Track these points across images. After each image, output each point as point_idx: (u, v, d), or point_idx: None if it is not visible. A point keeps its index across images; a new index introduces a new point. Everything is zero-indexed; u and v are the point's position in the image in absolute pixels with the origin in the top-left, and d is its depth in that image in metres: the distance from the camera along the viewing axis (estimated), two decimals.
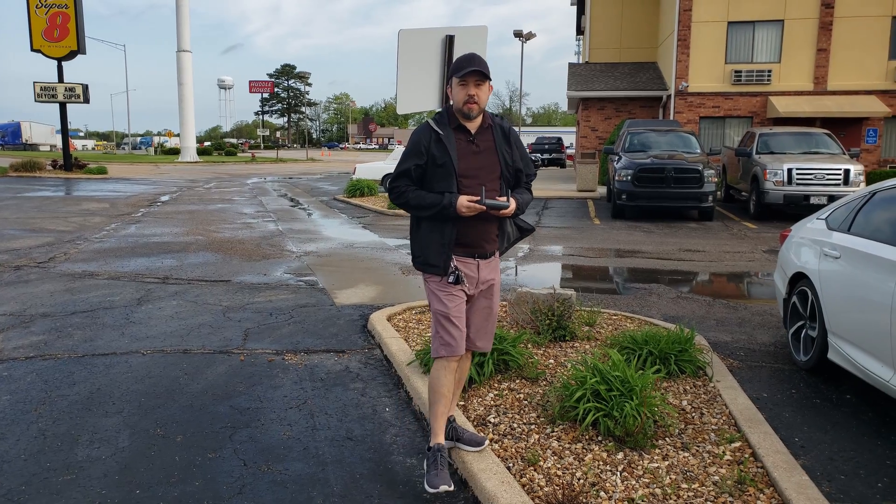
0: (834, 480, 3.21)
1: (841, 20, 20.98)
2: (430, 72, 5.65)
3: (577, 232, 12.55)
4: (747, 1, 21.51)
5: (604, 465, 3.25)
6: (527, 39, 37.32)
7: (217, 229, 12.42)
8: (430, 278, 3.11)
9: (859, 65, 21.08)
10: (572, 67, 27.49)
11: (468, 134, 3.05)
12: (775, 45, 21.62)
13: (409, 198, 3.04)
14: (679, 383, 4.35)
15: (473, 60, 2.96)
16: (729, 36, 21.82)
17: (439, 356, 3.11)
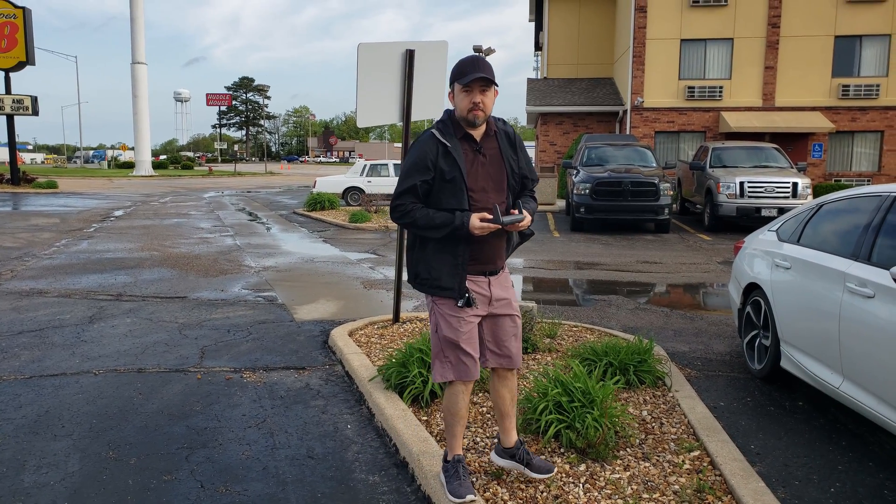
0: (789, 486, 3.28)
1: (787, 39, 21.77)
2: (391, 85, 5.66)
3: (538, 245, 12.66)
4: (699, 19, 22.17)
5: (566, 478, 3.25)
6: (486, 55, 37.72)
7: (173, 244, 12.16)
8: (440, 302, 2.89)
9: (805, 82, 21.88)
10: (531, 83, 27.86)
11: (474, 143, 2.85)
12: (726, 63, 22.29)
13: (415, 217, 2.78)
14: (639, 393, 4.40)
15: (477, 65, 2.73)
16: (682, 53, 22.43)
17: (447, 380, 2.92)
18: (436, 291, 2.88)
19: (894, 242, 3.61)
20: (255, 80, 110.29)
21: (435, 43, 5.83)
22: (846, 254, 3.94)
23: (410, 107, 5.69)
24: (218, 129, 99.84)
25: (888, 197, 3.86)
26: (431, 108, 5.94)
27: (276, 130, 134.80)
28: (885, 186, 4.01)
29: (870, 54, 21.67)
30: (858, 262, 3.78)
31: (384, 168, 21.07)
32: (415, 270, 2.95)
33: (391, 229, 15.01)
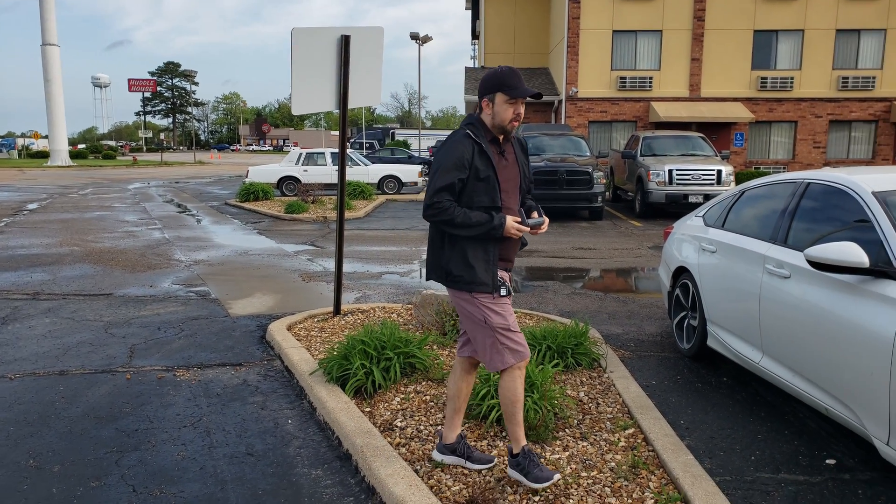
0: (714, 457, 3.45)
1: (711, 32, 22.59)
2: (326, 72, 5.58)
3: None
4: (630, 11, 22.73)
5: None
6: (423, 42, 37.61)
7: (95, 239, 11.66)
8: (480, 297, 2.95)
9: (727, 74, 22.78)
10: (469, 71, 27.97)
11: (499, 147, 2.99)
12: (655, 54, 22.96)
13: (454, 215, 2.83)
14: (576, 375, 4.53)
15: (522, 79, 2.89)
16: (614, 44, 22.96)
17: (508, 365, 2.96)
18: (472, 287, 2.94)
19: (808, 226, 3.83)
20: (181, 65, 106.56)
21: (371, 29, 5.78)
22: (765, 237, 4.16)
23: (347, 94, 5.63)
24: (142, 116, 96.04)
25: (802, 183, 4.08)
26: (369, 95, 5.89)
27: (206, 118, 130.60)
28: (800, 173, 4.24)
29: (785, 48, 22.74)
30: (776, 245, 3.99)
31: (321, 157, 20.75)
32: (445, 268, 2.98)
33: (329, 220, 14.84)
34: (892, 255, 3.13)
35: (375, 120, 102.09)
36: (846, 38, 22.50)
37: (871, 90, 22.51)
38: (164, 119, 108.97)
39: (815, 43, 22.53)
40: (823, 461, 3.42)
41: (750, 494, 3.09)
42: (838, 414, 3.35)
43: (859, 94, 22.60)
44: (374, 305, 6.50)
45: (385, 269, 9.03)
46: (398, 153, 32.40)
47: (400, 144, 42.56)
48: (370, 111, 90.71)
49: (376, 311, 6.24)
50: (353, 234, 12.56)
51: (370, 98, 5.93)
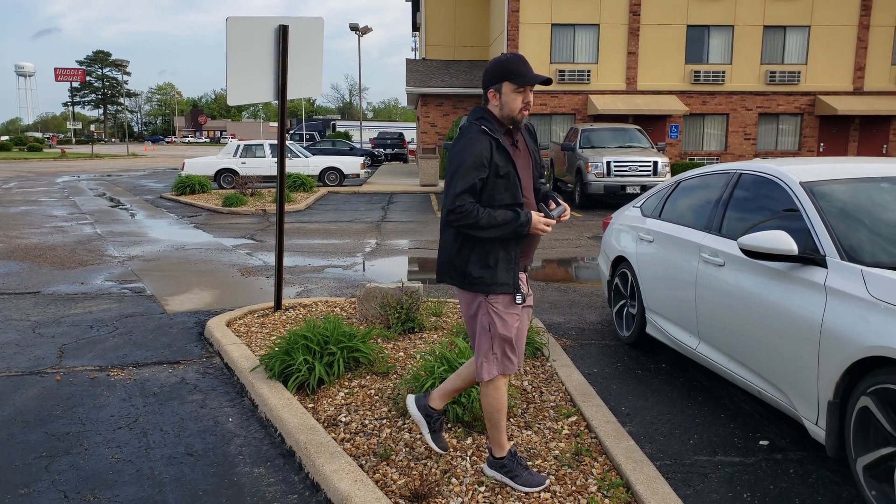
0: (655, 442, 3.54)
1: (646, 26, 23.13)
2: (263, 62, 5.44)
3: (422, 225, 12.74)
4: (568, 5, 23.03)
5: (454, 452, 3.33)
6: (363, 34, 37.24)
7: (21, 234, 11.09)
8: (495, 300, 2.81)
9: (662, 67, 23.39)
10: (410, 63, 27.82)
11: (512, 138, 2.86)
12: (593, 48, 23.36)
13: (479, 217, 2.67)
14: None
15: (530, 66, 2.77)
16: (553, 37, 23.24)
17: (493, 377, 2.89)
18: (491, 289, 2.80)
19: (741, 215, 3.96)
20: (112, 54, 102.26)
21: (310, 19, 5.67)
22: (700, 227, 4.28)
23: (286, 85, 5.50)
24: (70, 107, 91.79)
25: (734, 174, 4.22)
26: (308, 86, 5.78)
27: (139, 109, 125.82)
28: (732, 164, 4.38)
29: (717, 43, 23.50)
30: (711, 234, 4.11)
31: (259, 148, 20.30)
32: (463, 270, 2.82)
33: (269, 213, 14.53)
34: (818, 242, 3.27)
35: (316, 111, 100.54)
36: (773, 34, 23.42)
37: (796, 84, 23.51)
38: (94, 110, 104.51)
39: (745, 38, 23.36)
40: (757, 442, 3.56)
41: (689, 477, 3.19)
42: (771, 396, 3.49)
43: (786, 87, 23.57)
44: (316, 300, 6.40)
45: (327, 263, 8.91)
46: (339, 145, 32.02)
47: (341, 136, 42.03)
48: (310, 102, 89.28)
49: (319, 306, 6.15)
50: (293, 227, 12.35)
51: (310, 89, 5.82)
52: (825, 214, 3.36)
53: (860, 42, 23.18)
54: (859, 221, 3.35)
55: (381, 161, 35.62)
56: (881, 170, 3.74)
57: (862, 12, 23.02)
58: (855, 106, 22.75)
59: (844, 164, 3.88)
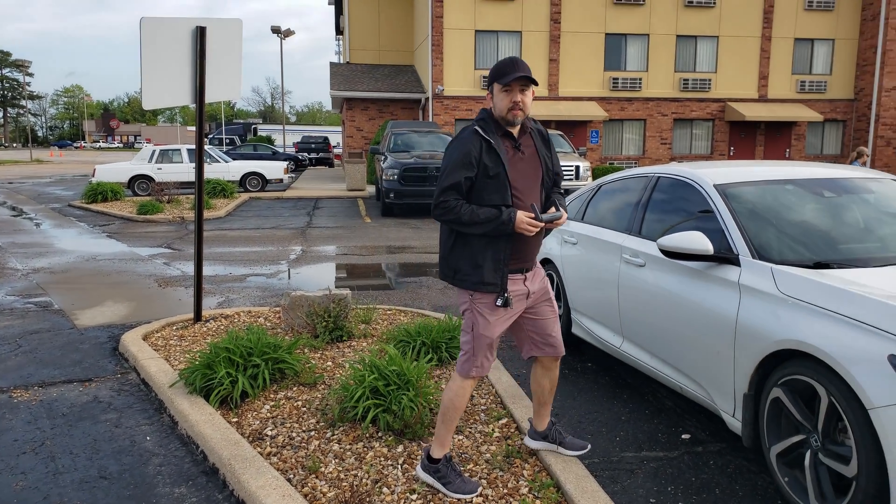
0: (583, 440, 3.60)
1: (567, 34, 23.76)
2: (180, 64, 5.25)
3: (350, 231, 12.60)
4: (491, 12, 23.37)
5: (385, 461, 3.28)
6: (285, 36, 36.56)
7: None
8: (479, 299, 2.87)
9: (582, 74, 24.07)
10: (334, 67, 27.52)
11: (514, 140, 2.88)
12: (515, 54, 23.77)
13: (460, 213, 2.75)
14: (450, 369, 4.57)
15: (517, 65, 2.76)
16: (477, 43, 23.51)
17: (469, 377, 2.93)
18: (478, 287, 2.85)
19: (659, 217, 4.10)
20: (12, 54, 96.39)
21: (228, 20, 5.50)
22: (622, 229, 4.40)
23: (204, 88, 5.32)
24: None
25: (653, 177, 4.37)
26: (228, 89, 5.61)
27: (43, 112, 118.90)
28: (650, 168, 4.53)
29: (633, 51, 24.40)
30: (632, 236, 4.24)
31: (177, 154, 19.56)
32: (454, 266, 2.90)
33: (187, 220, 14.02)
34: (732, 242, 3.42)
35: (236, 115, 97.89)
36: (685, 44, 24.51)
37: (707, 91, 24.68)
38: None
39: (659, 47, 24.35)
40: (680, 436, 3.68)
41: (616, 474, 3.26)
42: (691, 392, 3.61)
43: (698, 94, 24.70)
44: (238, 310, 6.20)
45: (250, 271, 8.66)
46: (261, 149, 31.27)
47: (263, 140, 41.06)
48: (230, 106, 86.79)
49: (241, 316, 5.96)
50: (214, 235, 11.95)
51: (229, 92, 5.65)
52: (737, 215, 3.52)
53: (763, 52, 24.58)
54: (768, 222, 3.53)
55: (305, 166, 35.04)
56: (786, 172, 3.95)
57: (764, 25, 24.42)
58: (761, 112, 24.09)
59: (754, 167, 4.08)
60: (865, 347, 2.55)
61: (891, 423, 2.40)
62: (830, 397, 2.65)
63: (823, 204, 3.71)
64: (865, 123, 24.64)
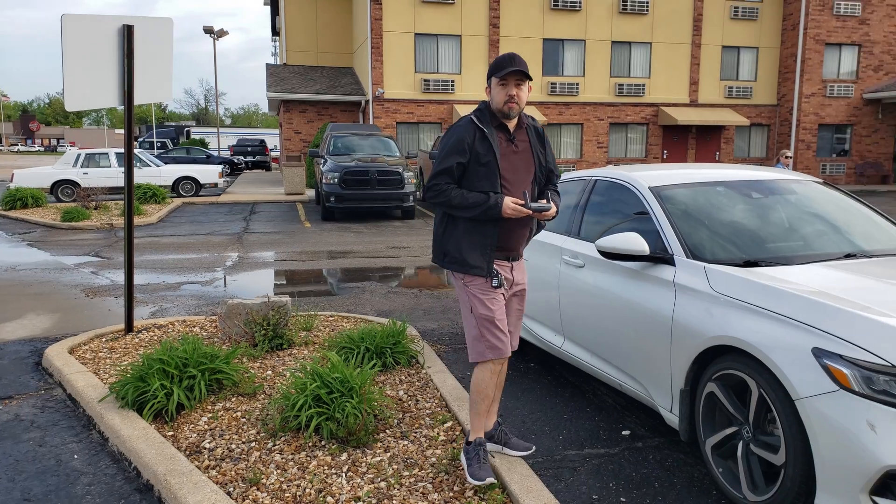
0: (527, 440, 3.63)
1: (505, 39, 24.03)
2: (106, 65, 5.04)
3: (289, 236, 12.37)
4: (430, 15, 23.41)
5: (329, 470, 3.22)
6: (219, 37, 35.72)
7: None
8: (471, 282, 2.99)
9: None
10: (270, 69, 27.03)
11: (508, 133, 3.00)
12: (456, 58, 23.90)
13: (450, 196, 2.90)
14: (395, 374, 4.53)
15: (514, 60, 2.90)
16: (417, 46, 23.51)
17: (485, 359, 3.00)
18: (466, 269, 2.97)
19: (597, 219, 4.18)
20: None
21: (158, 19, 5.32)
22: (561, 231, 4.47)
23: (132, 89, 5.12)
24: None
25: (591, 180, 4.45)
26: (159, 90, 5.43)
27: None
28: (588, 171, 4.62)
29: (571, 56, 24.88)
30: (571, 238, 4.31)
31: (104, 157, 18.80)
32: (443, 249, 3.04)
33: (116, 227, 13.50)
34: (667, 242, 3.51)
35: (168, 117, 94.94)
36: (620, 49, 25.16)
37: (642, 96, 25.39)
38: None
39: (596, 52, 24.91)
40: (620, 433, 3.75)
41: (560, 472, 3.29)
42: (630, 389, 3.69)
43: (633, 99, 25.39)
44: (173, 319, 6.00)
45: (184, 279, 8.39)
46: (195, 153, 30.43)
47: (197, 143, 39.93)
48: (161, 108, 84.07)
49: (176, 326, 5.76)
50: (145, 242, 11.54)
51: (160, 94, 5.46)
52: (672, 216, 3.62)
53: (693, 59, 25.48)
54: (701, 222, 3.64)
55: (241, 169, 34.28)
56: (717, 175, 4.09)
57: (694, 32, 25.33)
58: (692, 116, 24.95)
59: (686, 169, 4.21)
60: (791, 341, 2.66)
61: (815, 412, 2.51)
62: (760, 390, 2.76)
63: (751, 205, 3.85)
64: (788, 128, 25.85)
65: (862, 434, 2.39)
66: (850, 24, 24.90)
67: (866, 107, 25.48)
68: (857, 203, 4.14)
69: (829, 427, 2.47)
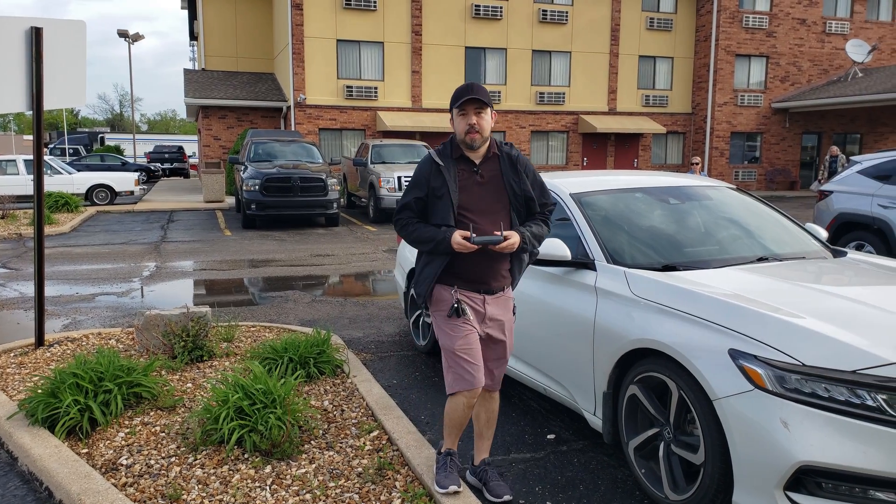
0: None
1: (428, 46, 24.19)
2: (12, 68, 4.79)
3: (208, 245, 11.99)
4: (352, 21, 23.28)
5: (252, 483, 3.15)
6: (134, 41, 34.41)
7: None
8: (436, 313, 2.99)
9: (444, 86, 24.59)
10: (188, 74, 26.18)
11: (471, 164, 2.93)
12: (378, 65, 23.86)
13: (409, 230, 2.94)
14: (320, 384, 4.47)
15: (471, 88, 2.84)
16: (339, 53, 23.31)
17: (454, 392, 2.95)
18: (417, 297, 3.02)
19: None
20: None
21: (70, 22, 5.09)
22: None
23: (42, 93, 4.87)
24: None
25: None
26: (71, 95, 5.19)
27: None
28: None
29: (492, 64, 25.30)
30: None
31: (11, 164, 17.74)
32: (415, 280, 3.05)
33: (25, 237, 12.73)
34: (588, 248, 3.63)
35: (80, 123, 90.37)
36: (541, 58, 25.78)
37: (562, 105, 26.09)
38: None
39: (517, 61, 25.43)
40: (545, 437, 3.83)
41: None
42: (555, 393, 3.78)
43: (553, 107, 26.05)
44: (87, 332, 5.71)
45: (99, 290, 8.01)
46: (109, 160, 29.05)
47: (112, 150, 38.17)
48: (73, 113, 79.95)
49: (91, 339, 5.49)
50: (57, 252, 10.94)
51: (72, 99, 5.22)
52: (592, 222, 3.74)
53: (612, 68, 26.41)
54: (621, 228, 3.78)
55: (159, 177, 33.00)
56: (635, 181, 4.26)
57: (612, 42, 26.26)
58: (610, 125, 25.83)
59: (606, 176, 4.37)
60: (708, 343, 2.79)
61: (732, 412, 2.64)
62: (680, 391, 2.88)
63: (669, 210, 4.03)
64: (702, 135, 27.16)
65: (776, 431, 2.51)
66: (758, 36, 26.43)
67: (774, 115, 27.09)
68: (768, 208, 4.39)
69: (745, 426, 2.59)
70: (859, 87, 24.19)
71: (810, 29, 26.91)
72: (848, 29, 27.14)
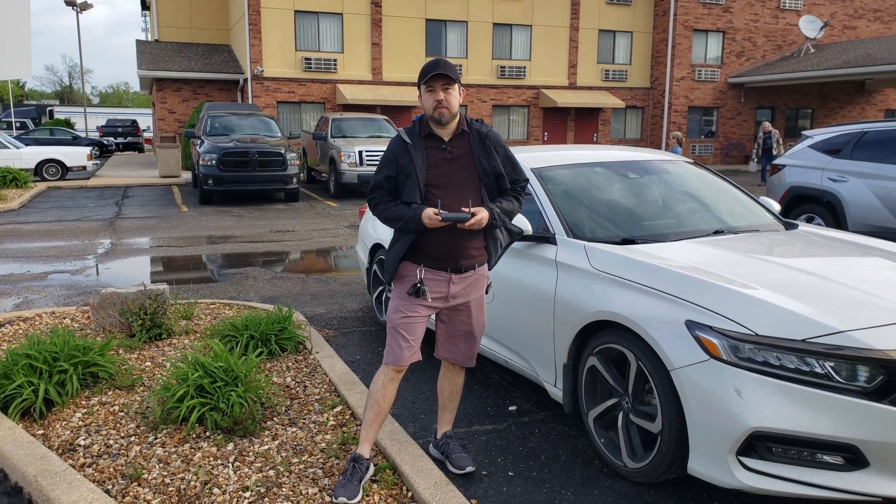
0: (417, 421, 3.70)
1: (388, 18, 23.82)
2: None
3: (165, 221, 11.72)
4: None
5: (215, 461, 3.13)
6: (83, 10, 33.04)
7: None
8: (397, 287, 2.98)
9: (405, 59, 24.31)
10: (141, 45, 25.30)
11: (440, 141, 2.90)
12: (338, 37, 23.42)
13: (381, 209, 2.94)
14: (282, 361, 4.45)
15: (438, 64, 2.82)
16: (297, 24, 22.79)
17: (384, 363, 2.99)
18: (384, 274, 3.02)
19: None
20: None
21: None
22: None
23: None
24: None
25: None
26: (16, 66, 4.96)
27: None
28: None
29: (453, 37, 25.08)
30: None
31: None
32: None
33: None
34: (549, 222, 3.66)
35: (28, 95, 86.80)
36: (501, 32, 25.64)
37: (522, 79, 26.06)
38: None
39: (477, 34, 25.24)
40: (507, 409, 3.89)
41: None
42: (516, 365, 3.83)
43: (514, 81, 26.00)
44: (40, 311, 5.56)
45: (52, 268, 7.77)
46: (60, 133, 28.03)
47: (61, 124, 36.77)
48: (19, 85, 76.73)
49: (44, 318, 5.34)
50: (6, 230, 10.57)
51: (17, 70, 4.99)
52: (553, 197, 3.77)
53: (572, 42, 26.43)
54: (580, 202, 3.82)
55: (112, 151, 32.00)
56: (595, 156, 4.30)
57: (572, 16, 26.24)
58: (570, 99, 25.93)
59: (567, 151, 4.40)
60: (666, 315, 2.86)
61: (689, 381, 2.72)
62: (638, 362, 2.95)
63: (628, 185, 4.09)
64: (660, 110, 27.49)
65: (729, 399, 2.60)
66: (715, 11, 26.71)
67: (730, 91, 27.53)
68: (724, 182, 4.48)
69: (700, 394, 2.67)
70: (811, 62, 24.74)
71: (765, 5, 27.31)
72: (801, 5, 27.62)
